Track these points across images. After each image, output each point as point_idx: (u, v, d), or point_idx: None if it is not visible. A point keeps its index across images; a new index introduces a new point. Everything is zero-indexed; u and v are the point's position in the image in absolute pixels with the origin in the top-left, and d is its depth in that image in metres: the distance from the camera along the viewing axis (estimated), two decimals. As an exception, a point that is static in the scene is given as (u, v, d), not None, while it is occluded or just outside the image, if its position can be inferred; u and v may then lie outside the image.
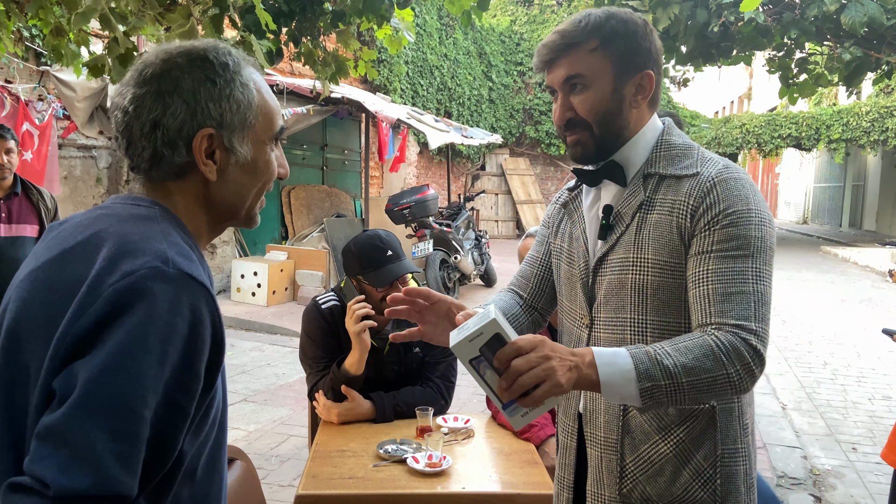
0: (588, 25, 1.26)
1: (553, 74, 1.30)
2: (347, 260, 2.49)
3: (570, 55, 1.27)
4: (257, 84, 1.01)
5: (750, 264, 1.18)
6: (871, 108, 15.67)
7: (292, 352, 6.19)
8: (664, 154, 1.31)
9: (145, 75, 0.94)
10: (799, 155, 22.90)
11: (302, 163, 10.26)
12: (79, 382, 0.76)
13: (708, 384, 1.11)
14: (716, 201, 1.21)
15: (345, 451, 2.13)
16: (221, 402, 0.96)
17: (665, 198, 1.27)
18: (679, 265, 1.24)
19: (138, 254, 0.83)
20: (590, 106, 1.28)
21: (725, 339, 1.12)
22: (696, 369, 1.10)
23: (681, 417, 1.27)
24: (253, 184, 1.02)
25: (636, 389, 1.09)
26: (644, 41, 1.28)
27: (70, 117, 6.41)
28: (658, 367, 1.10)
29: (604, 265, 1.32)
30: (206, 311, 0.86)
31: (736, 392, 1.14)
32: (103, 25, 2.67)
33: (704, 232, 1.20)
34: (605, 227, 1.33)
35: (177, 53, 0.96)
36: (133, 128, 0.94)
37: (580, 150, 1.32)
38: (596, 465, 1.35)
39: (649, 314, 1.26)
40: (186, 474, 0.89)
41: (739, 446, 1.29)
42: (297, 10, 3.27)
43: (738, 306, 1.15)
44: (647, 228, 1.27)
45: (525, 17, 18.33)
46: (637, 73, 1.28)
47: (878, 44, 2.78)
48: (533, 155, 18.28)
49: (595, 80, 1.27)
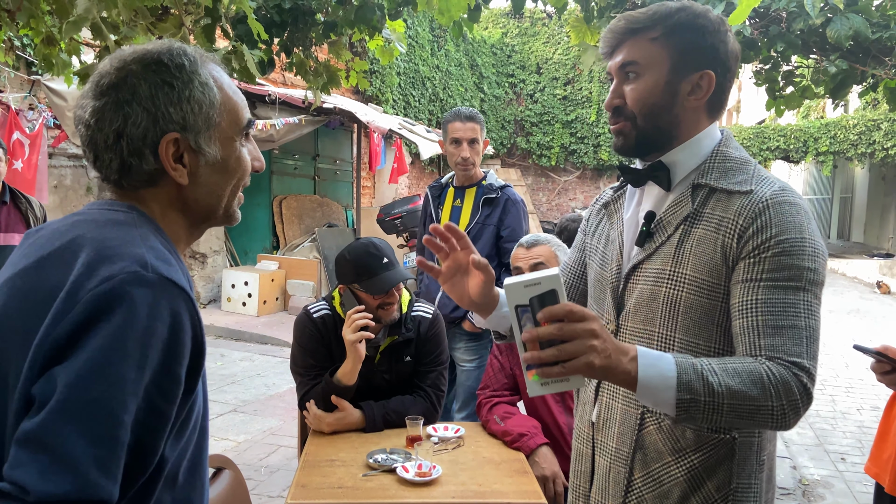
0: (656, 14, 1.21)
1: (613, 60, 1.26)
2: (342, 268, 2.48)
3: (632, 41, 1.23)
4: (218, 81, 0.99)
5: (801, 297, 1.11)
6: (859, 121, 15.83)
7: (283, 362, 6.16)
8: (718, 165, 1.23)
9: (102, 86, 0.93)
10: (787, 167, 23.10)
11: (294, 173, 10.26)
12: (58, 388, 0.76)
13: (749, 412, 1.06)
14: (767, 225, 1.14)
15: (334, 460, 2.12)
16: (203, 407, 0.96)
17: (713, 213, 1.20)
18: (717, 286, 1.18)
19: (117, 259, 0.83)
20: (638, 95, 1.22)
21: (777, 372, 1.07)
22: (740, 394, 1.05)
23: (698, 443, 1.22)
24: (227, 182, 1.01)
25: (673, 398, 1.05)
26: (712, 38, 1.20)
27: (61, 126, 6.40)
28: (702, 382, 1.05)
29: (637, 273, 1.27)
30: (186, 314, 0.85)
31: (776, 427, 1.09)
32: (95, 35, 2.67)
33: (754, 258, 1.14)
34: (644, 234, 1.26)
35: (131, 60, 0.94)
36: (97, 140, 0.93)
37: (621, 141, 1.27)
38: (603, 475, 1.32)
39: (678, 331, 1.21)
40: (168, 479, 0.89)
41: (753, 482, 1.24)
42: (289, 21, 3.29)
43: (790, 341, 1.09)
44: (689, 243, 1.20)
45: (516, 29, 18.44)
46: (696, 70, 1.21)
47: (864, 57, 2.83)
48: (524, 166, 18.34)
49: (649, 70, 1.21)
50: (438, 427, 2.37)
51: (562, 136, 17.89)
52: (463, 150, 3.11)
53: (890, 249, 16.85)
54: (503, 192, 3.15)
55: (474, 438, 2.37)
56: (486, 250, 3.10)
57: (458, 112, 3.16)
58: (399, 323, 2.50)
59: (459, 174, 3.22)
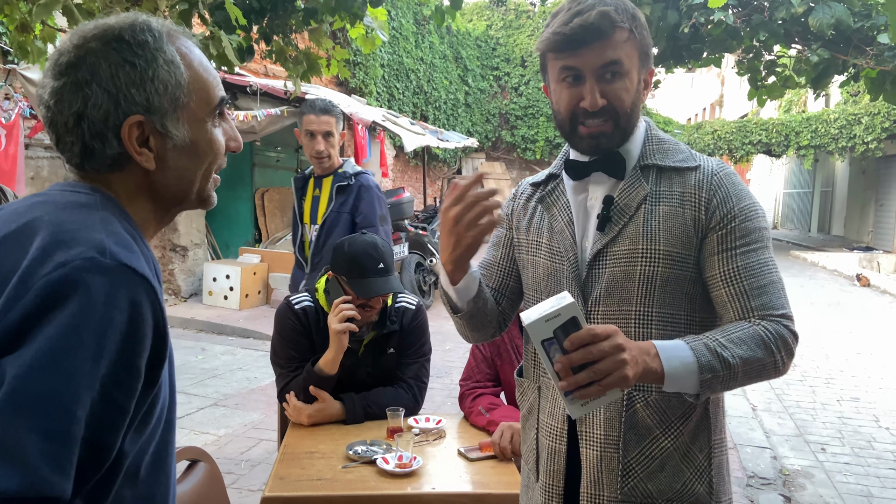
0: (625, 11, 1.20)
1: (584, 58, 1.20)
2: (337, 257, 2.42)
3: (610, 39, 1.19)
4: (187, 57, 0.92)
5: (768, 255, 1.24)
6: (840, 116, 16.00)
7: (264, 355, 6.11)
8: (656, 147, 1.31)
9: (61, 65, 0.87)
10: (769, 161, 23.28)
11: (276, 165, 10.18)
12: (7, 380, 0.71)
13: (758, 371, 1.17)
14: (728, 196, 1.24)
15: (314, 452, 2.09)
16: (168, 400, 0.91)
17: (671, 190, 1.27)
18: (688, 257, 1.25)
19: (73, 243, 0.78)
20: (624, 95, 1.23)
21: (773, 329, 1.17)
22: (751, 359, 1.14)
23: (682, 410, 1.28)
24: (197, 166, 0.95)
25: (697, 380, 1.12)
26: (649, 35, 1.29)
27: (37, 116, 6.28)
28: (718, 360, 1.13)
29: (604, 257, 1.28)
30: (147, 304, 0.80)
31: (779, 374, 1.20)
32: (68, 19, 2.61)
33: (723, 229, 1.23)
34: (605, 218, 1.29)
35: (91, 37, 0.88)
36: (57, 123, 0.88)
37: (604, 142, 1.25)
38: (594, 466, 1.30)
39: (655, 306, 1.26)
40: (128, 474, 0.84)
41: (723, 436, 1.34)
42: (268, 7, 3.23)
43: (773, 296, 1.20)
44: (656, 220, 1.25)
45: (501, 22, 18.42)
46: (649, 66, 1.29)
47: (845, 46, 2.83)
48: (509, 159, 18.35)
49: (629, 69, 1.22)
50: (419, 418, 2.35)
51: (546, 129, 17.92)
52: (317, 143, 3.14)
53: (870, 243, 17.07)
54: (357, 178, 3.16)
55: (456, 430, 2.35)
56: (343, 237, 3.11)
57: (314, 104, 3.16)
58: (383, 315, 2.47)
59: (316, 165, 3.26)
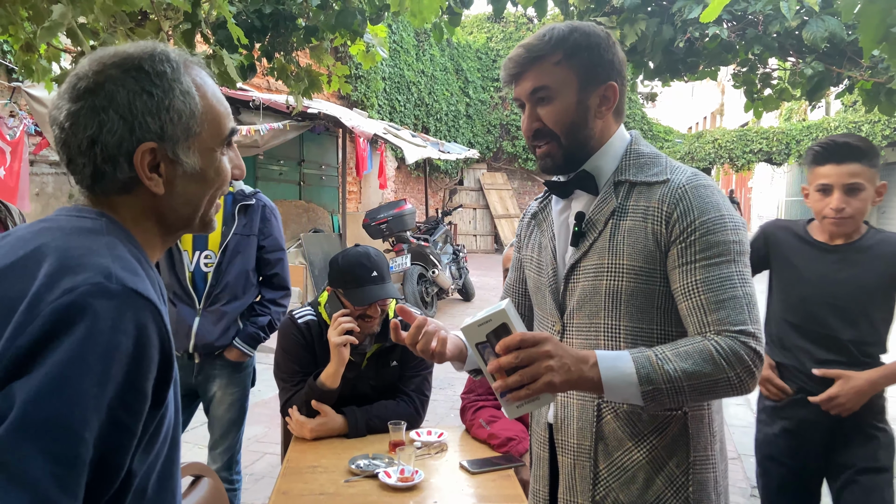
0: (552, 39, 1.29)
1: (520, 87, 1.33)
2: (332, 271, 2.47)
3: (536, 68, 1.30)
4: (201, 88, 0.95)
5: (734, 269, 1.21)
6: (840, 124, 16.01)
7: (268, 369, 6.09)
8: (633, 162, 1.33)
9: (79, 89, 0.89)
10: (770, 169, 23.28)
11: (279, 178, 10.22)
12: (16, 404, 0.73)
13: (709, 387, 1.15)
14: (688, 209, 1.23)
15: (316, 466, 2.11)
16: (174, 419, 0.93)
17: (637, 204, 1.29)
18: (654, 271, 1.26)
19: (79, 269, 0.80)
20: (556, 117, 1.30)
21: (726, 345, 1.15)
22: (696, 374, 1.14)
23: (654, 424, 1.28)
24: (204, 192, 0.98)
25: (638, 392, 1.14)
26: (607, 53, 1.30)
27: (42, 134, 6.33)
28: (659, 372, 1.14)
29: (576, 272, 1.33)
30: (153, 327, 0.82)
31: (739, 392, 1.17)
32: (72, 40, 2.65)
33: (683, 242, 1.23)
34: (577, 234, 1.34)
35: (110, 64, 0.90)
36: (70, 145, 0.90)
37: (550, 162, 1.34)
38: (568, 473, 1.35)
39: (622, 319, 1.28)
40: (137, 492, 0.86)
41: (710, 454, 1.31)
42: (269, 26, 3.28)
43: (733, 312, 1.18)
44: (620, 235, 1.28)
45: (501, 34, 18.52)
46: (601, 84, 1.30)
47: (839, 59, 2.86)
48: (510, 170, 18.39)
49: (560, 92, 1.29)
50: (421, 432, 2.37)
51: (547, 139, 17.95)
52: None
53: (872, 250, 17.01)
54: (257, 197, 2.79)
55: (458, 443, 2.37)
56: (251, 264, 2.72)
57: None
58: (385, 328, 2.49)
59: None
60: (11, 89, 6.29)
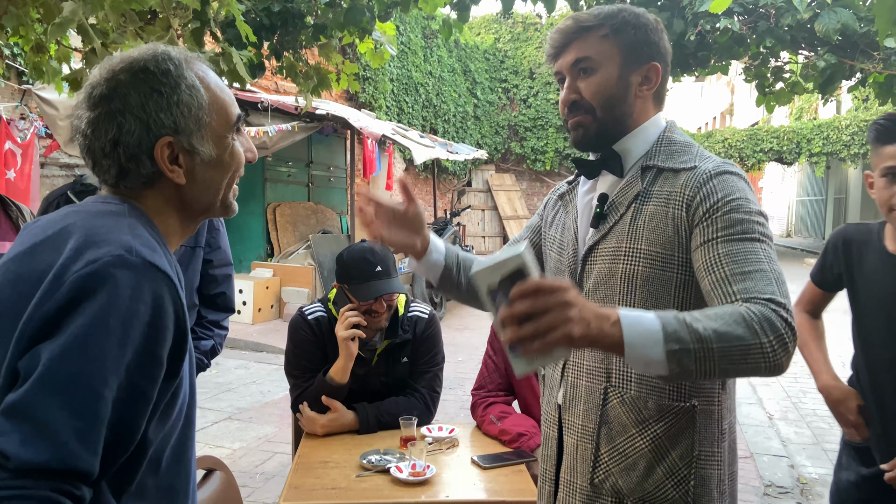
0: (601, 14, 1.30)
1: (563, 59, 1.33)
2: (338, 267, 2.48)
3: (582, 39, 1.30)
4: (204, 81, 1.02)
5: (759, 247, 1.15)
6: (851, 122, 15.92)
7: (278, 369, 6.13)
8: (664, 149, 1.32)
9: (94, 97, 0.97)
10: (781, 169, 23.16)
11: (287, 180, 10.25)
12: (41, 362, 0.79)
13: (741, 353, 1.02)
14: (712, 191, 1.21)
15: (327, 462, 2.11)
16: (188, 396, 0.98)
17: (661, 190, 1.27)
18: (671, 257, 1.24)
19: (103, 244, 0.87)
20: (595, 88, 1.30)
21: (757, 310, 1.05)
22: (727, 335, 1.02)
23: (660, 413, 1.27)
24: (222, 177, 1.05)
25: (662, 351, 1.01)
26: (653, 35, 1.31)
27: (52, 136, 6.37)
28: (687, 329, 1.01)
29: (594, 254, 1.32)
30: (169, 299, 0.88)
31: (770, 368, 1.04)
32: (83, 38, 2.66)
33: (706, 222, 1.19)
34: (598, 215, 1.33)
35: (119, 70, 0.98)
36: (94, 149, 0.98)
37: (582, 132, 1.33)
38: (571, 453, 1.36)
39: (637, 304, 1.26)
40: (151, 463, 0.91)
41: (716, 450, 1.29)
42: (278, 24, 3.28)
43: (760, 282, 1.10)
44: (641, 219, 1.27)
45: (509, 34, 18.50)
46: (644, 63, 1.31)
47: (852, 51, 2.83)
48: (519, 171, 18.36)
49: (602, 65, 1.29)
50: (432, 427, 2.36)
51: (556, 140, 17.92)
52: None
53: (884, 249, 16.89)
54: None
55: (469, 438, 2.36)
56: (195, 281, 2.38)
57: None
58: (396, 324, 2.49)
59: None
60: (22, 92, 6.33)
